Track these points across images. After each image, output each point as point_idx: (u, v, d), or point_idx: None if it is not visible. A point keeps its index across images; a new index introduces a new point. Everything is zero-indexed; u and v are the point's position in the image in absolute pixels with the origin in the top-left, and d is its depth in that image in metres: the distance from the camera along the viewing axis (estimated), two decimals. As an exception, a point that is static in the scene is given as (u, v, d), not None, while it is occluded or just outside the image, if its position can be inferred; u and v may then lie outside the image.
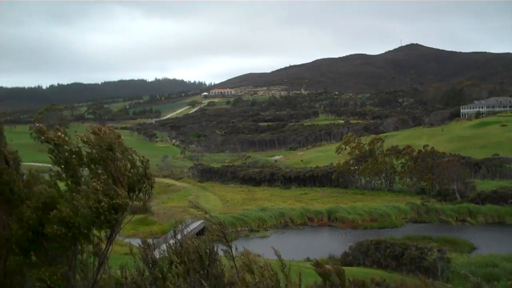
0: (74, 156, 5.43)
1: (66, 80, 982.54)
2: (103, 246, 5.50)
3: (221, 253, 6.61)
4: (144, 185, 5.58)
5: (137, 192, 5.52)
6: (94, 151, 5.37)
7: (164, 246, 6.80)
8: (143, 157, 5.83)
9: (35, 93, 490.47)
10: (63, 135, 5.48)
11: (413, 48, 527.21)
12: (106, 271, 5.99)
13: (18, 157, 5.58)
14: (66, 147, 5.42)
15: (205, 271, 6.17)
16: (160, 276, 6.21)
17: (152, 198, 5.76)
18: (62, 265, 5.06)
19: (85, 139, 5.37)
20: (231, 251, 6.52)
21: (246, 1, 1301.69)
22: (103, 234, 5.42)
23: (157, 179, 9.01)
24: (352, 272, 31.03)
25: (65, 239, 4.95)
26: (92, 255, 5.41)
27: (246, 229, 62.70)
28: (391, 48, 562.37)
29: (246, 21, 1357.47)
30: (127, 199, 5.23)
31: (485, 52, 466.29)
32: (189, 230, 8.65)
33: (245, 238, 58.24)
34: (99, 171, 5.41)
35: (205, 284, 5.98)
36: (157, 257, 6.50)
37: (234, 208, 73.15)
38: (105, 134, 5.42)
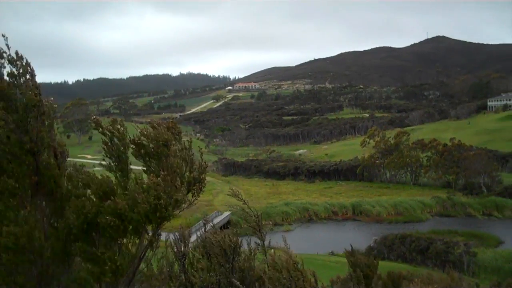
0: (133, 147, 5.55)
1: (92, 75, 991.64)
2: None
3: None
4: (195, 188, 5.67)
5: (185, 192, 5.59)
6: (151, 145, 5.47)
7: (192, 238, 6.89)
8: (204, 162, 5.93)
9: (61, 88, 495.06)
10: (122, 128, 5.59)
11: (439, 41, 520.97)
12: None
13: (65, 150, 5.69)
14: (121, 141, 5.53)
15: (230, 265, 6.21)
16: (190, 269, 6.29)
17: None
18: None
19: (145, 133, 5.47)
20: (264, 244, 6.56)
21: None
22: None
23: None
24: (377, 266, 30.93)
25: (117, 230, 5.04)
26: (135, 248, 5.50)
27: (270, 223, 62.73)
28: (417, 41, 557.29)
29: (256, 17, 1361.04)
30: (185, 196, 5.32)
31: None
32: (214, 224, 8.73)
33: (269, 232, 58.39)
34: (153, 166, 5.50)
35: (232, 278, 6.04)
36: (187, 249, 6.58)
37: (259, 202, 73.17)
38: (163, 129, 5.51)
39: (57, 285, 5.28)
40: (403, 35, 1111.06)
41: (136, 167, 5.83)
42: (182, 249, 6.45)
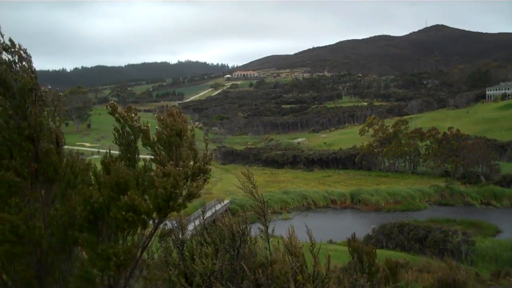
0: (141, 134, 5.51)
1: (90, 63, 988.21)
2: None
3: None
4: (199, 178, 5.62)
5: (189, 182, 5.55)
6: (165, 132, 5.42)
7: (191, 227, 6.82)
8: (210, 153, 5.89)
9: (59, 75, 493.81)
10: (135, 116, 5.55)
11: (438, 29, 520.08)
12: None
13: (63, 138, 5.66)
14: (132, 130, 5.49)
15: (236, 251, 6.14)
16: (188, 256, 6.24)
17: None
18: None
19: (162, 118, 5.44)
20: (267, 231, 6.53)
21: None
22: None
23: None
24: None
25: (130, 224, 5.01)
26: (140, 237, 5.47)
27: (269, 211, 62.38)
28: (416, 30, 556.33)
29: (244, 6, 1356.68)
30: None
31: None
32: (213, 212, 8.67)
33: (268, 220, 58.43)
34: (163, 155, 5.45)
35: (242, 264, 5.98)
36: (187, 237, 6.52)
37: (257, 191, 73.02)
38: (179, 118, 5.48)
39: (58, 273, 5.24)
40: (402, 24, 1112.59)
41: (142, 155, 5.78)
42: (181, 236, 6.40)
